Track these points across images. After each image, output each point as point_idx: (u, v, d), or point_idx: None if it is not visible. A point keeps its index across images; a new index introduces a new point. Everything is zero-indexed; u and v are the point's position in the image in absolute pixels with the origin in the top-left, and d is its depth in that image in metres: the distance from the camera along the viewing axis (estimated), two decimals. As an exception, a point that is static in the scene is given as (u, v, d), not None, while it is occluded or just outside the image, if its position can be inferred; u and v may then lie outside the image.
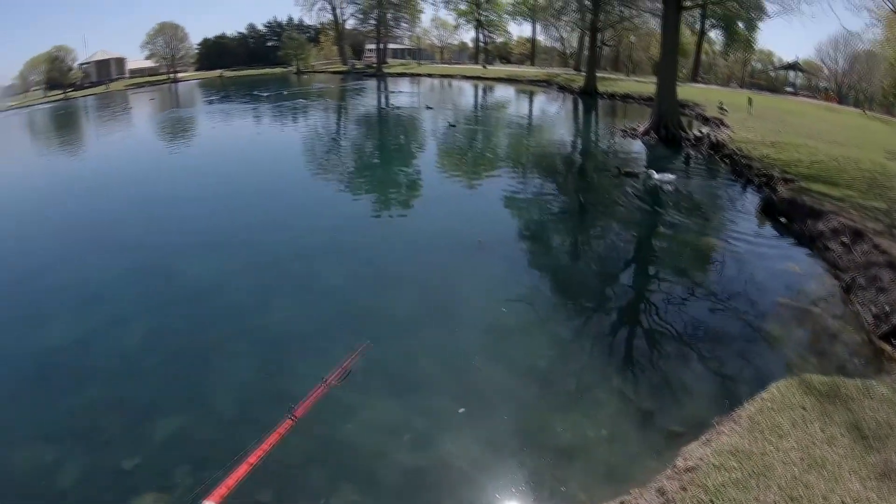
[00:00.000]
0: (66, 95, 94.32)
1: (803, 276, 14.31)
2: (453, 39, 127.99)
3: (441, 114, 47.60)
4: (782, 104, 50.27)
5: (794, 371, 9.37)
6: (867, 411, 7.63)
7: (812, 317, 12.16)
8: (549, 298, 13.63)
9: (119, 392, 10.09)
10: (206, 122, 49.97)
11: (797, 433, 7.13)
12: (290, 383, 9.91)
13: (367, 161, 31.12)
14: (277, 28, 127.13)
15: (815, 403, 7.75)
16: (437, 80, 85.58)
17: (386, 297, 13.45)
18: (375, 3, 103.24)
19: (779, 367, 10.09)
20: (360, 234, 17.87)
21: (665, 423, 8.62)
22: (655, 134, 33.49)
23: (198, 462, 8.16)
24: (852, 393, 8.05)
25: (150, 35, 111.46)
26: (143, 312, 13.11)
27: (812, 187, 18.98)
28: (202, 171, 28.92)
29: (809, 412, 7.55)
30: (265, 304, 13.22)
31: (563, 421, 8.71)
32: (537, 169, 27.08)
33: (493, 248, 16.14)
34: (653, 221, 19.18)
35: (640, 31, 72.67)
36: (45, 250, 17.92)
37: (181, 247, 17.32)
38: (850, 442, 7.01)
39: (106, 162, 34.47)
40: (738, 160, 25.15)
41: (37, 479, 8.10)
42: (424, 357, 10.74)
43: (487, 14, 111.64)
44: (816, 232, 16.28)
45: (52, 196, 25.51)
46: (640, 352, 11.00)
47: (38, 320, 13.05)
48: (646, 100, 48.85)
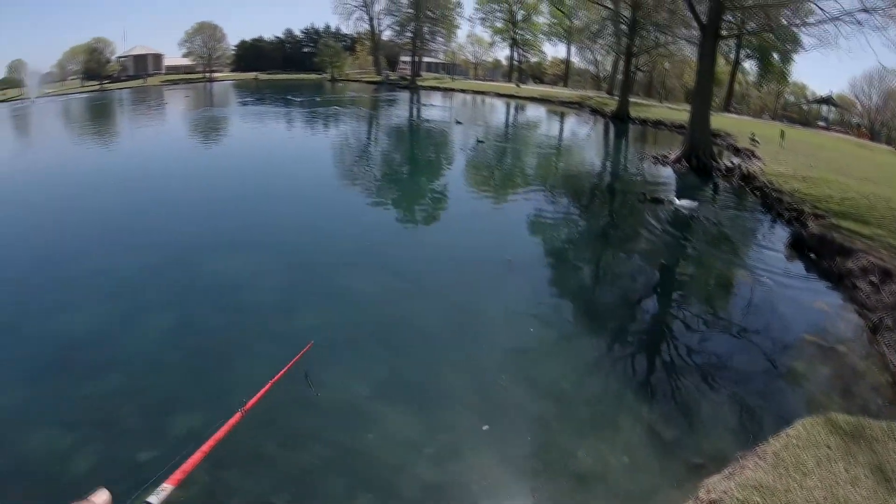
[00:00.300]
0: (103, 87, 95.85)
1: (830, 314, 14.21)
2: (488, 56, 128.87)
3: (471, 129, 47.79)
4: (814, 138, 50.08)
5: (819, 409, 9.31)
6: (891, 453, 7.58)
7: (837, 355, 12.06)
8: (575, 321, 13.63)
9: (139, 384, 10.17)
10: (239, 123, 50.60)
11: (821, 472, 7.12)
12: (310, 390, 10.01)
13: (396, 172, 31.35)
14: (314, 35, 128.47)
15: (839, 443, 7.72)
16: (470, 96, 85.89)
17: (413, 309, 13.51)
18: (413, 16, 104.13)
19: (802, 405, 10.05)
20: (388, 244, 17.98)
21: (687, 454, 8.59)
22: (686, 162, 33.40)
23: (214, 461, 8.21)
24: (877, 434, 8.01)
25: (188, 33, 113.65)
26: (167, 307, 13.24)
27: (842, 224, 18.86)
28: (232, 170, 29.26)
29: (834, 451, 7.53)
30: (291, 307, 13.31)
31: (584, 446, 8.72)
32: (566, 191, 27.10)
33: (521, 268, 16.18)
34: (680, 250, 19.15)
35: (674, 57, 72.57)
36: (72, 239, 18.20)
37: (206, 244, 17.54)
38: (874, 484, 6.98)
39: (138, 155, 34.91)
40: (769, 193, 25.02)
41: (51, 464, 8.20)
42: (448, 372, 10.78)
43: (523, 33, 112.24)
44: (845, 270, 16.18)
45: (81, 185, 25.85)
46: (663, 380, 10.96)
47: (61, 308, 13.20)
48: (677, 127, 48.81)
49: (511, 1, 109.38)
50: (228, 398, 9.70)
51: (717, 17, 32.47)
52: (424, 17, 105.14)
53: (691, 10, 34.77)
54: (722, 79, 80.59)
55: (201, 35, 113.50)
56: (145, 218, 20.12)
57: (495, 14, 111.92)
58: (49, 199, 23.13)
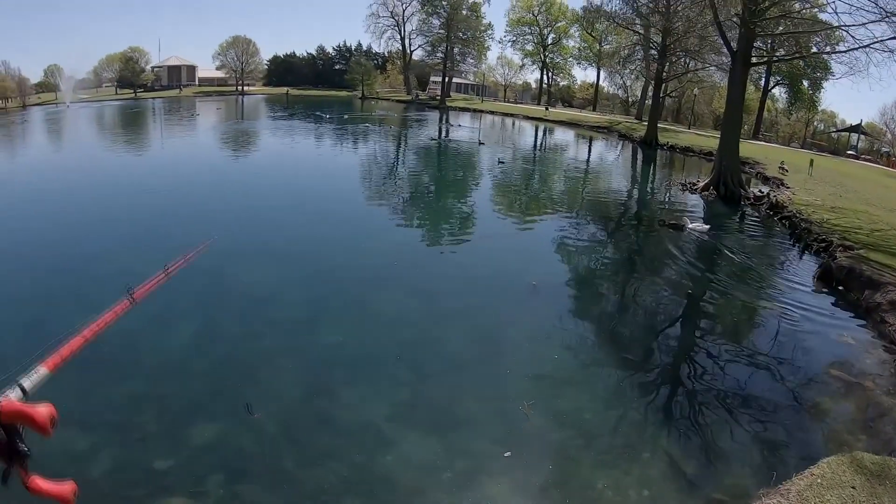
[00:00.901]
0: (137, 95, 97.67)
1: (857, 349, 13.99)
2: (517, 79, 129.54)
3: (495, 150, 48.06)
4: (843, 167, 49.59)
5: (844, 447, 9.19)
6: (918, 495, 7.47)
7: (864, 391, 11.88)
8: (597, 348, 13.56)
9: (160, 391, 10.28)
10: (270, 137, 51.44)
11: (845, 513, 7.02)
12: (333, 408, 10.08)
13: (422, 191, 31.49)
14: (346, 52, 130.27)
15: (864, 483, 7.59)
16: (499, 118, 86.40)
17: (436, 330, 13.58)
18: (444, 36, 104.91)
19: (827, 442, 9.92)
20: (413, 264, 18.11)
21: (708, 489, 8.50)
22: (714, 190, 33.18)
23: (233, 473, 8.29)
24: (903, 475, 7.89)
25: (222, 46, 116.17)
26: (191, 314, 13.44)
27: (871, 256, 18.62)
28: (261, 182, 29.97)
29: (859, 492, 7.40)
30: (314, 323, 13.47)
31: (604, 477, 8.66)
32: (592, 216, 27.06)
33: (545, 292, 16.17)
34: (706, 279, 18.97)
35: (704, 83, 72.40)
36: (101, 242, 18.58)
37: (234, 254, 17.66)
38: (900, 526, 6.88)
39: (169, 162, 35.67)
40: (798, 223, 24.78)
41: (67, 464, 8.12)
42: (470, 396, 10.76)
43: (553, 56, 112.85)
44: (874, 304, 15.94)
45: (113, 190, 26.41)
46: (685, 413, 10.88)
47: (85, 308, 13.33)
48: (706, 154, 48.62)
49: (542, 24, 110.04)
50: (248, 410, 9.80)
51: (747, 43, 32.34)
52: (455, 38, 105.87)
53: (722, 37, 34.72)
54: (751, 105, 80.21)
55: (235, 48, 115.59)
56: (175, 224, 20.50)
57: (526, 37, 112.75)
58: (82, 201, 23.61)
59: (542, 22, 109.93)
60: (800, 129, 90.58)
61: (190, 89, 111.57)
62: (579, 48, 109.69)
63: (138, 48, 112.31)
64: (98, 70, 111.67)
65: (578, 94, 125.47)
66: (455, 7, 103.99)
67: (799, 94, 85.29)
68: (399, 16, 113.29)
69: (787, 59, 49.17)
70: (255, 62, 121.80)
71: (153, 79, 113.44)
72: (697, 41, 49.42)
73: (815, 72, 73.97)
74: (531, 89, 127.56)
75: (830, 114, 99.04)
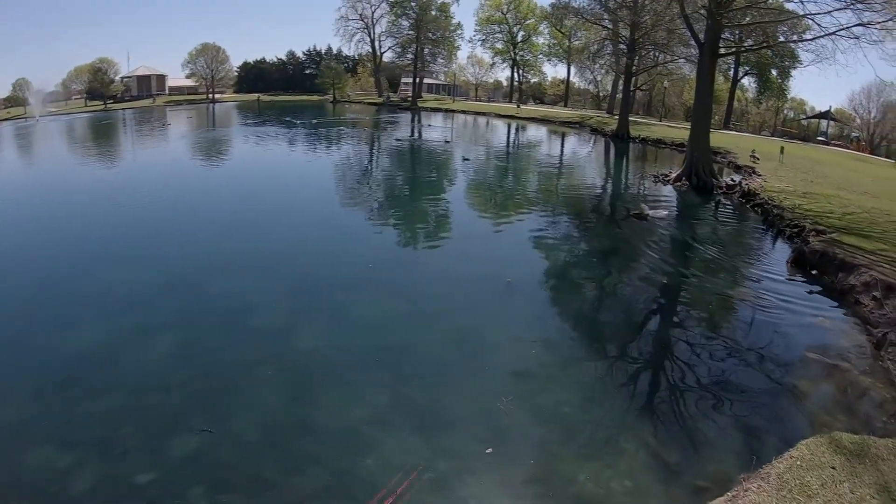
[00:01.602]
0: (107, 107, 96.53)
1: (833, 331, 14.13)
2: (488, 77, 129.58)
3: (461, 148, 48.25)
4: (813, 153, 50.12)
5: (823, 428, 9.24)
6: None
7: (841, 372, 11.98)
8: (575, 342, 13.59)
9: (140, 403, 10.15)
10: (241, 144, 50.94)
11: (826, 493, 7.02)
12: (314, 414, 9.99)
13: (395, 193, 31.29)
14: (316, 56, 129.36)
15: (844, 463, 7.63)
16: (471, 117, 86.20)
17: (413, 331, 13.51)
18: (414, 37, 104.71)
19: (806, 424, 9.98)
20: (389, 267, 17.96)
21: (689, 476, 8.51)
22: (687, 180, 33.35)
23: (215, 484, 8.19)
24: (882, 453, 7.92)
25: (191, 54, 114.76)
26: (170, 326, 13.29)
27: (844, 240, 18.81)
28: (235, 191, 29.45)
29: (839, 472, 7.43)
30: (293, 329, 13.33)
31: (586, 469, 8.64)
32: (566, 211, 27.02)
33: (521, 289, 16.16)
34: (681, 269, 19.06)
35: (673, 76, 72.83)
36: (78, 257, 18.29)
37: (211, 264, 17.60)
38: (881, 503, 6.91)
39: (141, 175, 35.17)
40: (770, 210, 24.99)
41: (49, 482, 8.14)
42: (450, 395, 10.72)
43: (523, 54, 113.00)
44: (848, 286, 16.12)
45: (87, 204, 25.97)
46: (664, 402, 10.90)
47: (65, 326, 13.22)
48: (678, 145, 48.88)
49: (511, 22, 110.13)
50: (230, 420, 9.69)
51: (715, 35, 32.54)
52: (425, 39, 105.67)
53: (689, 29, 34.93)
54: (721, 96, 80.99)
55: (204, 56, 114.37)
56: (149, 238, 20.24)
57: (495, 35, 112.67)
58: (55, 218, 23.23)
59: (512, 20, 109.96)
60: (770, 118, 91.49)
61: (161, 98, 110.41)
62: (549, 45, 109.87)
63: (107, 59, 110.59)
64: (67, 82, 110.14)
65: (549, 90, 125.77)
66: (424, 8, 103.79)
67: (768, 83, 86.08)
68: (368, 18, 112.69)
69: (755, 49, 49.58)
70: (226, 69, 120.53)
71: (123, 89, 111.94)
72: (666, 34, 49.75)
73: (782, 60, 74.55)
74: (502, 87, 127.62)
75: (800, 101, 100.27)
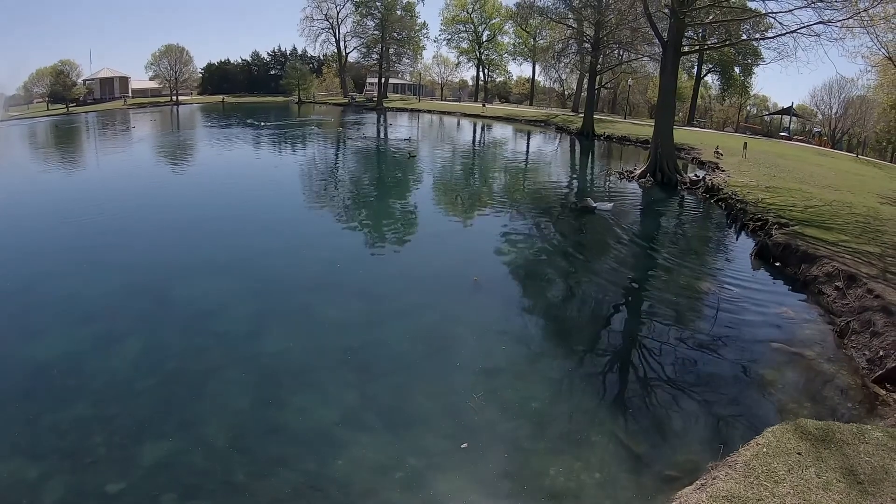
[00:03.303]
0: (69, 110, 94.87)
1: (797, 321, 14.32)
2: (454, 77, 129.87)
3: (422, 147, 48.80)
4: (776, 148, 50.92)
5: (789, 415, 9.37)
6: (862, 456, 7.59)
7: (806, 361, 12.15)
8: (543, 339, 13.61)
9: (107, 412, 9.93)
10: (205, 147, 50.28)
11: (792, 478, 7.08)
12: (283, 416, 9.87)
13: (361, 193, 31.13)
14: (281, 57, 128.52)
15: (810, 448, 7.71)
16: (437, 117, 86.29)
17: (381, 331, 13.40)
18: (379, 37, 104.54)
19: (773, 412, 10.11)
20: (355, 268, 17.80)
21: (658, 467, 8.55)
22: (651, 177, 33.70)
23: (186, 490, 8.06)
24: (847, 438, 8.01)
25: (155, 56, 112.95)
26: (135, 333, 13.00)
27: (806, 232, 19.12)
28: (198, 196, 28.94)
29: (805, 457, 7.51)
30: (260, 332, 13.17)
31: (556, 463, 8.64)
32: (531, 209, 27.03)
33: (488, 287, 16.15)
34: (647, 263, 19.21)
35: (637, 74, 73.69)
36: (37, 265, 17.77)
37: (175, 269, 17.27)
38: (846, 487, 6.96)
39: (104, 180, 34.61)
40: (734, 204, 25.29)
41: (17, 495, 7.94)
42: (419, 394, 10.67)
43: (489, 53, 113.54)
44: (811, 276, 16.40)
45: (46, 210, 25.33)
46: (632, 395, 10.95)
47: (27, 335, 12.91)
48: (642, 142, 49.43)
49: (476, 22, 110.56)
50: (198, 426, 9.52)
51: (678, 33, 32.90)
52: (390, 39, 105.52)
53: (653, 28, 35.35)
54: (685, 93, 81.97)
55: (168, 58, 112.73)
56: (112, 243, 19.79)
57: (461, 35, 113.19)
58: (13, 227, 22.67)
59: (477, 19, 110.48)
60: (733, 114, 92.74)
61: (124, 101, 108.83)
62: (514, 44, 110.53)
63: (69, 61, 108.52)
64: (28, 85, 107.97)
65: (515, 89, 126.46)
66: (389, 8, 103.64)
67: (731, 81, 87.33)
68: (333, 18, 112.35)
69: (718, 47, 50.32)
70: (190, 71, 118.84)
71: (85, 92, 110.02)
72: (629, 33, 50.24)
73: (745, 58, 75.79)
74: (468, 87, 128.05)
75: (763, 98, 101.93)
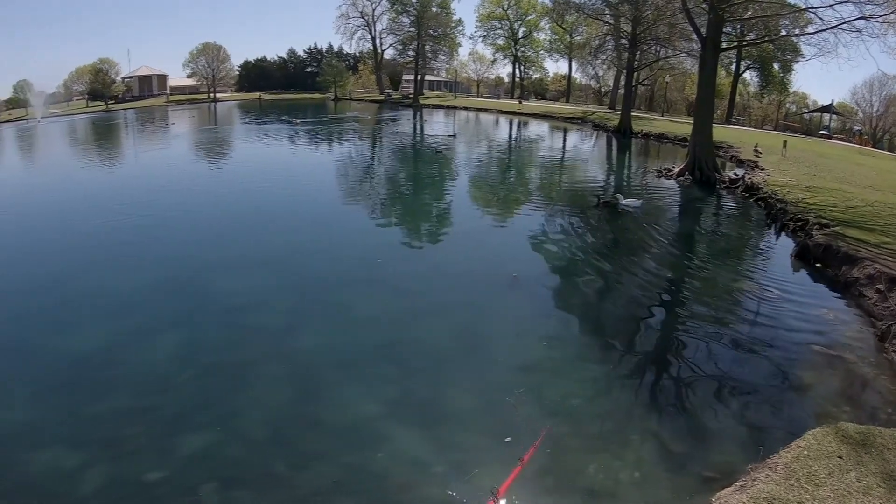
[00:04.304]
0: (108, 107, 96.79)
1: (837, 323, 14.16)
2: (490, 74, 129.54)
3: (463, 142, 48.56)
4: (816, 147, 50.02)
5: (829, 419, 9.30)
6: (903, 461, 7.58)
7: (846, 364, 12.03)
8: (580, 336, 13.67)
9: (147, 403, 10.22)
10: (244, 143, 51.08)
11: (833, 482, 7.10)
12: (321, 410, 10.07)
13: (398, 190, 31.54)
14: (317, 55, 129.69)
15: (850, 452, 7.70)
16: (472, 114, 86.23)
17: (420, 327, 13.59)
18: (414, 34, 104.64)
19: (812, 415, 10.04)
20: (393, 264, 17.97)
21: (698, 467, 8.57)
22: (690, 175, 33.37)
23: (224, 481, 8.25)
24: (888, 442, 7.99)
25: (192, 54, 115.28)
26: (174, 326, 13.38)
27: (847, 233, 18.85)
28: (237, 191, 29.45)
29: (846, 461, 7.51)
30: (297, 327, 13.42)
31: (595, 462, 8.70)
32: (568, 206, 26.96)
33: (527, 284, 16.21)
34: (685, 263, 19.13)
35: (675, 70, 72.89)
36: (79, 258, 18.45)
37: (212, 264, 17.67)
38: (887, 492, 6.96)
39: (145, 174, 35.45)
40: (773, 204, 25.00)
41: (57, 483, 8.22)
42: (457, 390, 10.79)
43: (525, 50, 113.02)
44: (851, 278, 16.18)
45: (88, 205, 26.06)
46: (671, 394, 10.97)
47: (68, 326, 13.37)
48: (680, 140, 48.86)
49: (512, 18, 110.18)
50: (237, 418, 9.75)
51: (716, 29, 32.56)
52: (426, 36, 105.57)
53: (691, 24, 34.94)
54: (723, 90, 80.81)
55: (205, 56, 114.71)
56: (152, 237, 20.33)
57: (496, 31, 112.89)
58: (57, 219, 23.32)
59: (513, 16, 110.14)
60: (772, 112, 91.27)
61: (161, 98, 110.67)
62: (550, 40, 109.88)
63: (108, 59, 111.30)
64: (68, 83, 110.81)
65: (551, 86, 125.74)
66: (424, 4, 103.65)
67: (770, 77, 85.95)
68: (369, 15, 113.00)
69: (757, 43, 49.71)
70: (227, 68, 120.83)
71: (124, 90, 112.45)
72: (667, 29, 49.81)
73: (784, 54, 74.54)
74: (504, 84, 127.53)
75: (802, 95, 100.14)
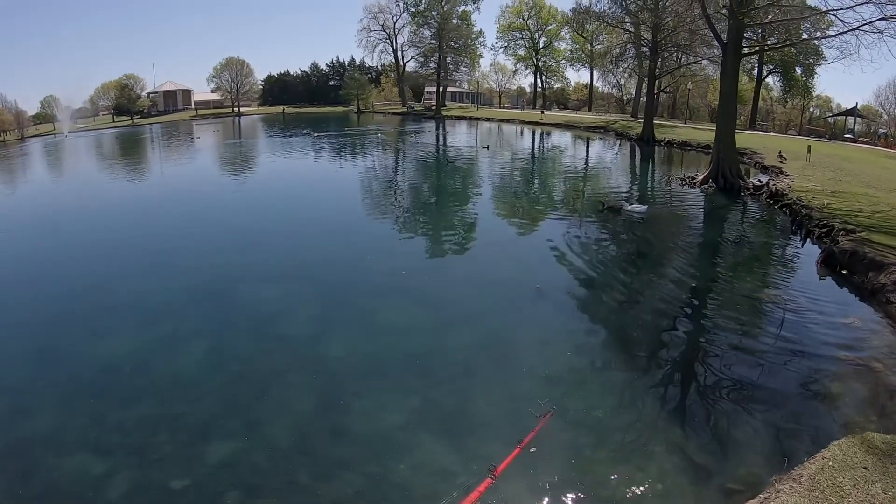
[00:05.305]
0: (134, 122, 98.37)
1: (864, 330, 14.00)
2: (511, 84, 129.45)
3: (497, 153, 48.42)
4: (841, 151, 49.37)
5: (855, 429, 9.22)
6: (930, 473, 7.48)
7: (872, 373, 11.90)
8: (604, 347, 13.61)
9: (173, 411, 10.41)
10: (268, 156, 51.65)
11: (858, 493, 7.03)
12: (346, 419, 10.16)
13: (422, 201, 31.68)
14: (339, 68, 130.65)
15: (876, 463, 7.62)
16: (495, 125, 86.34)
17: (444, 337, 13.67)
18: (436, 47, 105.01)
19: (838, 425, 9.95)
20: (418, 275, 18.13)
21: (720, 479, 8.54)
22: (714, 182, 33.14)
23: (249, 489, 8.37)
24: (915, 453, 7.91)
25: (216, 69, 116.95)
26: (200, 335, 13.61)
27: (874, 239, 18.64)
28: (264, 201, 30.00)
29: (871, 472, 7.43)
30: (324, 337, 13.59)
31: (618, 473, 8.69)
32: (592, 216, 26.88)
33: (550, 295, 16.21)
34: (710, 271, 19.01)
35: (697, 77, 72.43)
36: (110, 268, 18.84)
37: (240, 274, 17.95)
38: (913, 504, 6.90)
39: (173, 187, 36.03)
40: (798, 210, 24.76)
41: (84, 489, 8.38)
42: (480, 400, 10.83)
43: (546, 60, 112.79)
44: (878, 285, 15.99)
45: (118, 216, 26.59)
46: (694, 405, 10.92)
47: (98, 335, 13.67)
48: (703, 147, 48.57)
49: (532, 29, 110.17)
50: (263, 426, 9.87)
51: (737, 34, 32.37)
52: (447, 48, 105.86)
53: (711, 30, 34.78)
54: (746, 96, 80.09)
55: (229, 70, 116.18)
56: (180, 248, 20.73)
57: (517, 42, 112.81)
58: (86, 230, 23.76)
59: (533, 26, 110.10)
60: (796, 117, 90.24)
61: (187, 113, 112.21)
62: (571, 50, 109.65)
63: (133, 75, 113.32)
64: (94, 99, 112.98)
65: (573, 95, 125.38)
66: (445, 17, 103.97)
67: (792, 82, 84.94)
68: (390, 28, 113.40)
69: (778, 47, 49.16)
70: (250, 83, 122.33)
71: (149, 105, 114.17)
72: (688, 35, 49.51)
73: (807, 58, 73.60)
74: (526, 94, 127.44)
75: (826, 99, 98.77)
